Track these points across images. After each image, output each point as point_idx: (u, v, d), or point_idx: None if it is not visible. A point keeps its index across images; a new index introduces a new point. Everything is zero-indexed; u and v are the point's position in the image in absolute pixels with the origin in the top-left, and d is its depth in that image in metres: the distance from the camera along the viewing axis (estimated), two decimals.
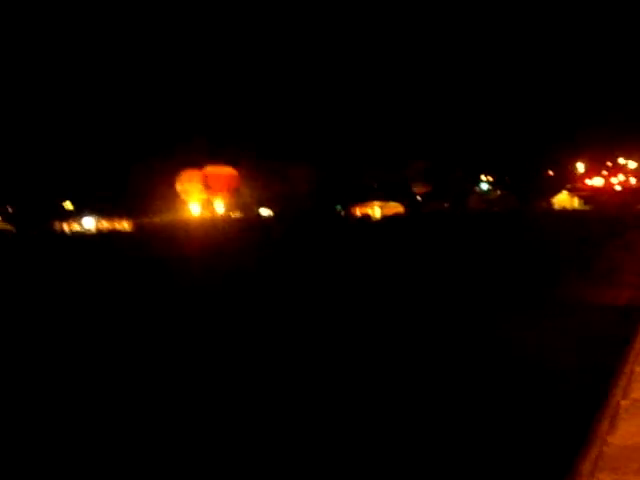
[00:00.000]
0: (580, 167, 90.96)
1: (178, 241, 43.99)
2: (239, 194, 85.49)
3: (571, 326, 10.47)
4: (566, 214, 63.19)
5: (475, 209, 77.49)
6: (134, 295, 17.92)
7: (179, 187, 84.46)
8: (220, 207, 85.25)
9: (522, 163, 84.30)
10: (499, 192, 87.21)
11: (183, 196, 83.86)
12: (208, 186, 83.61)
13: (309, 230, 50.49)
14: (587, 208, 72.33)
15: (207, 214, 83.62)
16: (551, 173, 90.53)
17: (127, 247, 44.71)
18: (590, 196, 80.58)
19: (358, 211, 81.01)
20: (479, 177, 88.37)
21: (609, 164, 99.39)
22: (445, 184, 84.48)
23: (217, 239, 45.76)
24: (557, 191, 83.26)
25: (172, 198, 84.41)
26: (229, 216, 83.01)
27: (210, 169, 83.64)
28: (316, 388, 7.97)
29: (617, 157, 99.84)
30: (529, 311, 11.89)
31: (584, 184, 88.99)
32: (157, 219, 76.85)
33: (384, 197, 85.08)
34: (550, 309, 11.93)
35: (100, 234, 69.40)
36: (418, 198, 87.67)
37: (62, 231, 74.74)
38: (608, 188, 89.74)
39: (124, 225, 78.19)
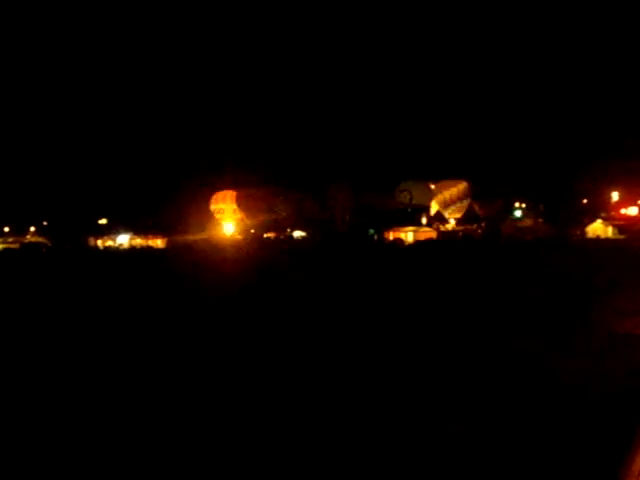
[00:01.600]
0: (615, 196, 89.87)
1: (207, 258, 44.97)
2: (272, 214, 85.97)
3: (608, 352, 10.45)
4: (600, 242, 62.41)
5: (508, 235, 77.25)
6: (154, 304, 18.44)
7: (213, 207, 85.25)
8: (253, 227, 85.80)
9: (557, 191, 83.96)
10: (532, 219, 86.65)
11: (217, 216, 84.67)
12: (242, 206, 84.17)
13: (339, 252, 50.81)
14: (621, 237, 71.52)
15: (239, 234, 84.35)
16: (585, 201, 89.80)
17: (157, 262, 45.83)
18: (625, 225, 79.81)
19: (391, 235, 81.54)
20: (513, 203, 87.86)
21: None
22: (483, 210, 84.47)
23: (242, 258, 46.43)
24: (591, 220, 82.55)
25: (206, 218, 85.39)
26: (261, 236, 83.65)
27: (244, 190, 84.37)
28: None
29: None
30: (564, 338, 11.77)
31: (619, 213, 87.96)
32: (190, 237, 77.77)
33: (416, 222, 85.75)
34: (585, 336, 11.84)
35: (132, 249, 71.16)
36: (451, 223, 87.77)
37: (95, 246, 75.82)
38: None
39: (157, 242, 79.52)
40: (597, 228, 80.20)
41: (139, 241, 79.86)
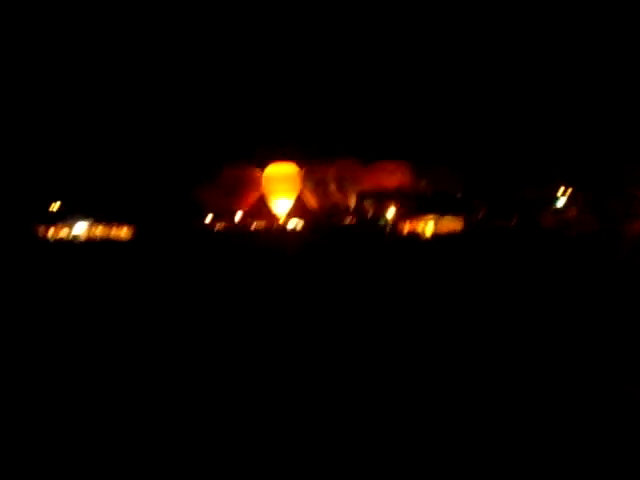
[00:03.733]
0: None
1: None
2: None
3: None
4: None
5: (548, 228, 66.60)
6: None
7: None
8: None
9: (608, 178, 71.44)
10: (577, 210, 74.08)
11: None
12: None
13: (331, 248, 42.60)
14: None
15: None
16: None
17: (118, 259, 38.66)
18: None
19: (407, 227, 70.78)
20: (555, 191, 75.91)
21: None
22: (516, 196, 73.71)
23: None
24: None
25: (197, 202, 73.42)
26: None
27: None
28: None
29: None
30: None
31: None
32: (166, 225, 64.78)
33: (439, 209, 74.06)
34: None
35: (89, 243, 58.60)
36: (480, 213, 75.63)
37: (45, 237, 62.69)
38: None
39: (122, 232, 67.01)
40: None
41: (99, 230, 67.13)
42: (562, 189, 77.00)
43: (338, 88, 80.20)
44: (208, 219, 75.36)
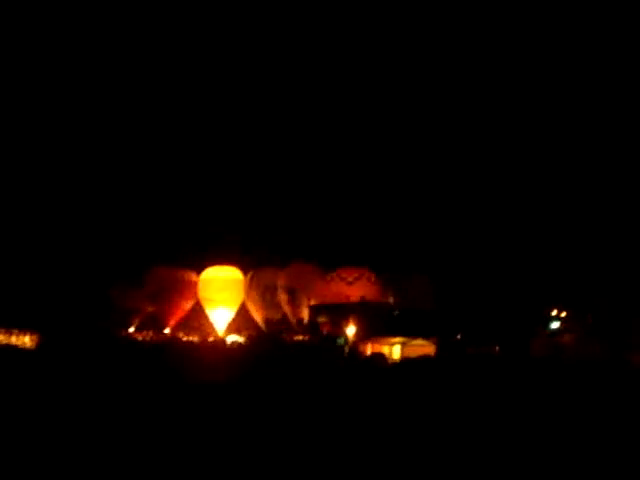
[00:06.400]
0: None
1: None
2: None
3: None
4: None
5: (539, 356, 58.07)
6: None
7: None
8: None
9: (612, 297, 63.13)
10: (574, 335, 64.34)
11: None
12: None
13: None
14: None
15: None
16: None
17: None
18: None
19: (369, 348, 61.39)
20: (547, 312, 67.62)
21: None
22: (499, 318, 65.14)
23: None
24: None
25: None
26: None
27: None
28: None
29: None
30: None
31: None
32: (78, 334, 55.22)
33: (409, 329, 64.73)
34: None
35: None
36: (457, 336, 67.70)
37: None
38: None
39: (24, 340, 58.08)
40: None
41: None
42: (555, 311, 68.38)
43: (295, 173, 74.91)
44: (131, 328, 65.02)
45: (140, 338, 63.03)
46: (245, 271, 68.64)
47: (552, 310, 67.64)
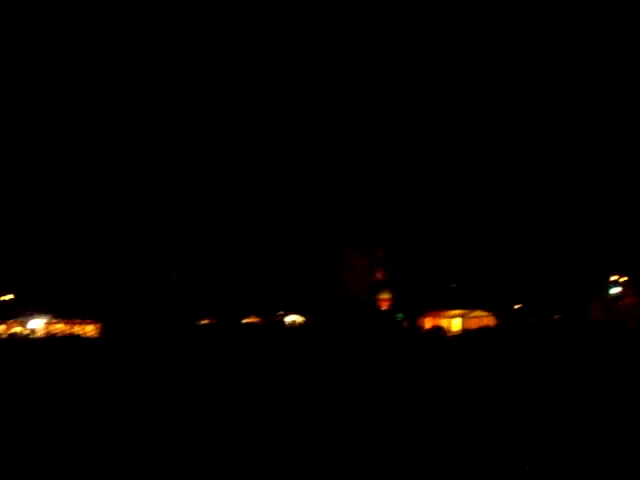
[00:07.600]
0: None
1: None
2: None
3: None
4: None
5: (599, 321, 59.61)
6: None
7: None
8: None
9: None
10: (634, 299, 64.37)
11: None
12: None
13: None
14: None
15: None
16: None
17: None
18: None
19: (428, 322, 61.98)
20: (606, 277, 67.03)
21: None
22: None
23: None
24: None
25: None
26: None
27: None
28: None
29: None
30: None
31: None
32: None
33: (467, 303, 65.95)
34: None
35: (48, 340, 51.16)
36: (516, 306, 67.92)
37: None
38: None
39: (86, 329, 59.51)
40: None
41: (60, 327, 58.52)
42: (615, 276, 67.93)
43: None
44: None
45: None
46: None
47: (612, 275, 67.12)
